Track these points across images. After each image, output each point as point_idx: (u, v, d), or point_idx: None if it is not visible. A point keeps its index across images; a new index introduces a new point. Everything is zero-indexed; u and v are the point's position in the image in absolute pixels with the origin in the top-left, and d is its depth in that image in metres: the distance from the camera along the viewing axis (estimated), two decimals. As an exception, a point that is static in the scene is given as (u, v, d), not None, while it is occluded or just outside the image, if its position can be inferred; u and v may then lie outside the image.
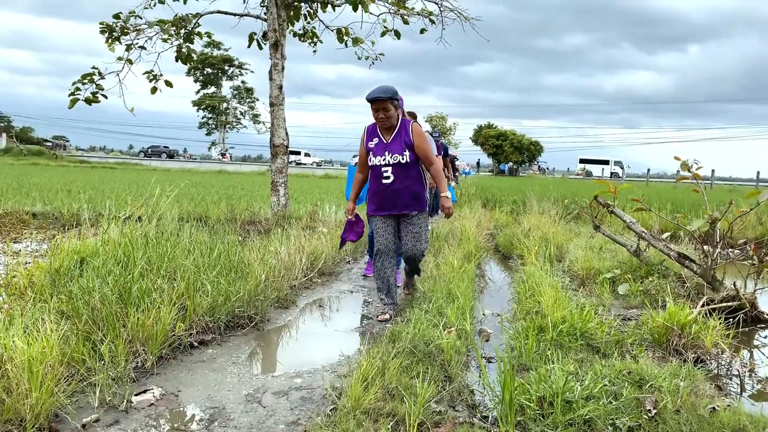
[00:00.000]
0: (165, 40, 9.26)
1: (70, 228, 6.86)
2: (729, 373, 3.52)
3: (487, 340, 4.04)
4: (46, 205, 9.74)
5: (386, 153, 4.26)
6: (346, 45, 10.14)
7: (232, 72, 63.60)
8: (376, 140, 4.33)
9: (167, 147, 62.11)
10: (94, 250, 4.27)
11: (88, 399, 2.70)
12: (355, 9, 8.74)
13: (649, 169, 41.29)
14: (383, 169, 4.26)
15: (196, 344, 3.58)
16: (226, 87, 64.58)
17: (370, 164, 4.33)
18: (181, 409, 2.75)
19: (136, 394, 2.81)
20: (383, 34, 9.92)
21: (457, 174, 16.32)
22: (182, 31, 9.32)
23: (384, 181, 4.27)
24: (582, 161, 61.10)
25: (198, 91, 63.64)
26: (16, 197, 10.53)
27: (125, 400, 2.71)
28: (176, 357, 3.38)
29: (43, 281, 3.89)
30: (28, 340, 2.66)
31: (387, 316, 4.40)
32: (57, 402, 2.55)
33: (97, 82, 8.64)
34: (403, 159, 4.22)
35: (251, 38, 9.80)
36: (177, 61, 9.55)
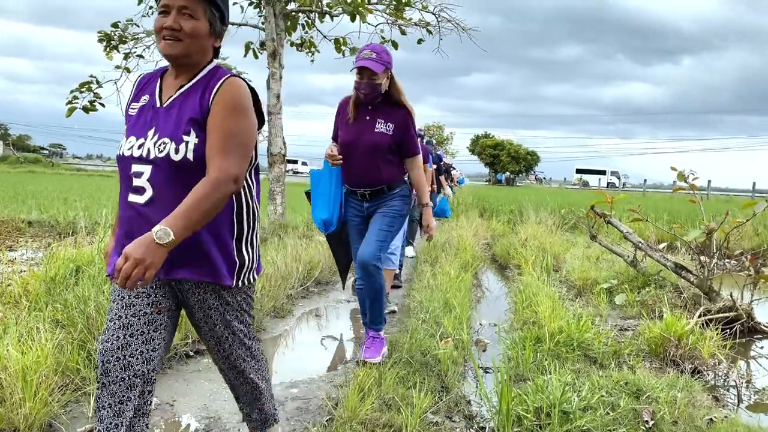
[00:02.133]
0: (163, 49, 9.28)
1: (65, 236, 6.84)
2: (726, 384, 3.52)
3: (484, 350, 4.03)
4: (42, 213, 9.71)
5: (149, 134, 1.82)
6: (343, 55, 10.16)
7: (230, 81, 63.66)
8: (146, 98, 1.92)
9: None
10: (89, 258, 4.25)
11: (83, 409, 2.68)
12: (353, 19, 8.78)
13: (645, 180, 41.44)
14: (134, 168, 1.80)
15: (191, 354, 3.56)
16: (224, 96, 64.60)
17: (117, 152, 1.90)
18: (176, 419, 2.74)
19: (131, 404, 2.79)
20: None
21: (453, 185, 16.28)
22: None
23: (132, 199, 1.81)
24: (579, 171, 61.26)
25: (195, 100, 63.71)
26: (12, 205, 10.51)
27: (120, 410, 2.69)
28: (171, 367, 3.36)
29: (38, 290, 3.87)
30: (23, 348, 2.65)
31: None
32: (51, 412, 2.53)
33: (95, 91, 8.64)
34: (177, 152, 1.77)
35: (247, 47, 9.83)
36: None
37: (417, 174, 3.43)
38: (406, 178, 3.47)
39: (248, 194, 1.93)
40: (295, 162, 61.01)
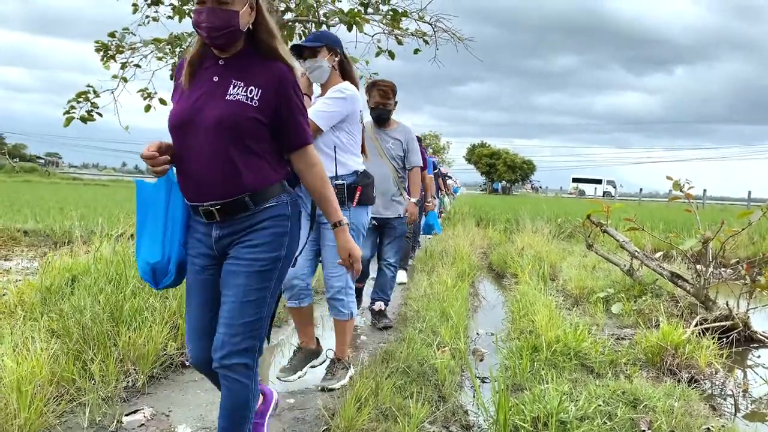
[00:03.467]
0: (160, 59, 9.29)
1: (61, 246, 6.82)
2: (723, 393, 3.52)
3: (481, 360, 4.02)
4: (38, 222, 9.68)
5: None
6: (340, 64, 10.17)
7: (227, 90, 63.77)
8: None
9: None
10: (85, 268, 4.24)
11: (78, 419, 2.67)
12: (349, 29, 8.80)
13: (641, 189, 41.51)
14: None
15: (187, 363, 3.54)
16: (221, 105, 64.67)
17: None
18: (172, 429, 2.72)
19: (127, 414, 2.78)
20: (378, 54, 9.99)
21: (447, 193, 16.26)
22: (177, 49, 9.36)
23: None
24: (575, 180, 61.45)
25: (192, 109, 63.79)
26: (8, 214, 10.48)
27: (115, 421, 2.68)
28: (167, 377, 3.35)
29: (33, 299, 3.85)
30: (18, 359, 2.63)
31: None
32: (46, 422, 2.51)
33: (92, 101, 8.63)
34: None
35: (245, 57, 9.86)
36: (172, 79, 9.57)
37: (312, 178, 2.10)
38: (285, 183, 2.10)
39: None
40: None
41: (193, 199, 2.02)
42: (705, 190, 29.06)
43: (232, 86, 1.98)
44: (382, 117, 4.56)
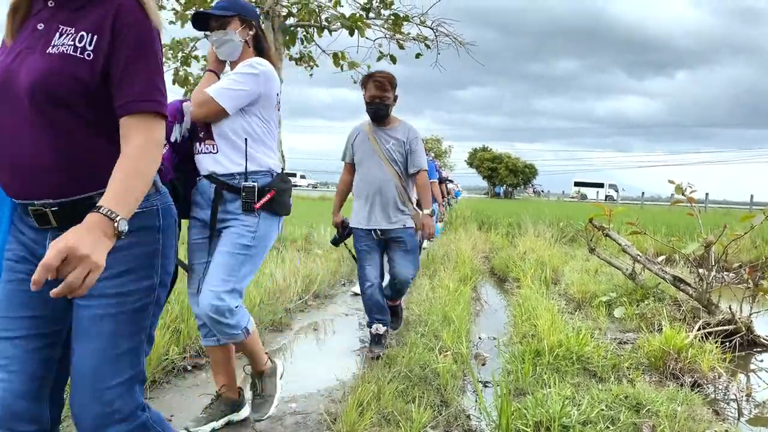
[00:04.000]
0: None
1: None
2: (726, 397, 3.51)
3: (483, 364, 4.01)
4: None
5: None
6: (342, 69, 10.23)
7: (229, 95, 63.83)
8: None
9: None
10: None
11: (80, 424, 2.66)
12: (351, 34, 8.84)
13: (643, 193, 41.52)
14: None
15: (189, 368, 3.54)
16: (223, 109, 64.75)
17: None
18: (174, 434, 2.71)
19: (129, 419, 2.77)
20: (379, 58, 10.02)
21: (449, 197, 16.23)
22: (179, 54, 9.40)
23: None
24: (577, 184, 61.41)
25: (194, 114, 63.85)
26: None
27: (117, 426, 2.67)
28: (169, 381, 3.35)
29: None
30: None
31: None
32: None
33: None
34: None
35: (247, 61, 9.87)
36: (174, 84, 9.61)
37: (122, 152, 1.37)
38: (157, 179, 1.55)
39: None
40: (294, 175, 61.42)
41: (16, 195, 1.43)
42: (707, 194, 29.04)
43: (57, 34, 1.38)
44: (379, 113, 3.86)
